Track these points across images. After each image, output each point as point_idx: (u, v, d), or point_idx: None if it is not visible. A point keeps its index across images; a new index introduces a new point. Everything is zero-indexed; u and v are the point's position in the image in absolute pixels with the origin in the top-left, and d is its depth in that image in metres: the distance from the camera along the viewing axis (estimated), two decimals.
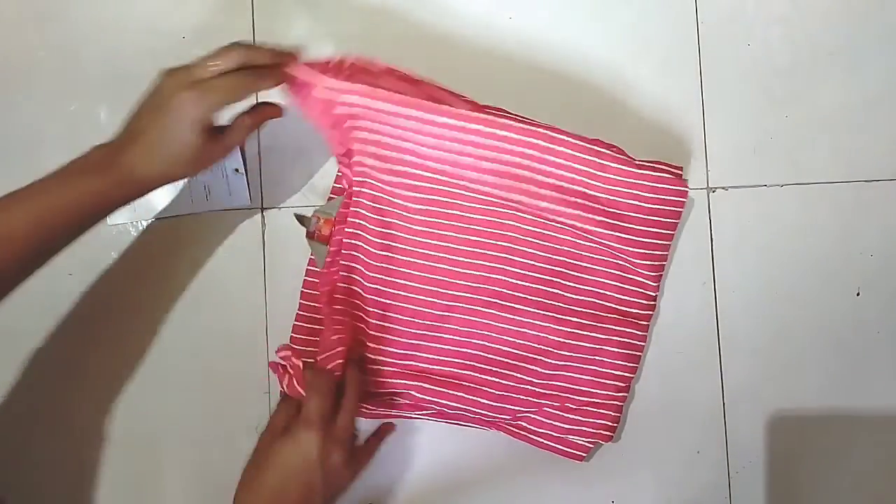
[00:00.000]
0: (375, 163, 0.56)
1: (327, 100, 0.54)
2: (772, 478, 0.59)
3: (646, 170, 0.56)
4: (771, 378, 0.60)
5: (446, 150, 0.56)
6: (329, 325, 0.55)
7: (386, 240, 0.57)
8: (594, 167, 0.56)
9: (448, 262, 0.57)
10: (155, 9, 0.63)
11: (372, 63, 0.54)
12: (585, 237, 0.57)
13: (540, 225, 0.57)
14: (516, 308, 0.57)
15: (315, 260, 0.59)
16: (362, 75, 0.54)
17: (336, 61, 0.53)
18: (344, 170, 0.59)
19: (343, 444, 0.50)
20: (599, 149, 0.56)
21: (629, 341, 0.58)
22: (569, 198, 0.56)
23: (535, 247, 0.57)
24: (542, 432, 0.58)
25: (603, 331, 0.57)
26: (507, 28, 0.62)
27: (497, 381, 0.57)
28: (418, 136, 0.56)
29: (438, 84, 0.56)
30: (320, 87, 0.53)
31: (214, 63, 0.48)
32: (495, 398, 0.57)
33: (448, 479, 0.59)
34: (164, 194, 0.60)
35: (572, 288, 0.58)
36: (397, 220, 0.57)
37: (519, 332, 0.57)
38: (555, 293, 0.57)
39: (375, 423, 0.59)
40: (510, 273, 0.57)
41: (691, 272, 0.60)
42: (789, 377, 0.60)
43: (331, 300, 0.57)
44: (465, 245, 0.57)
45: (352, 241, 0.57)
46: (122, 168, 0.48)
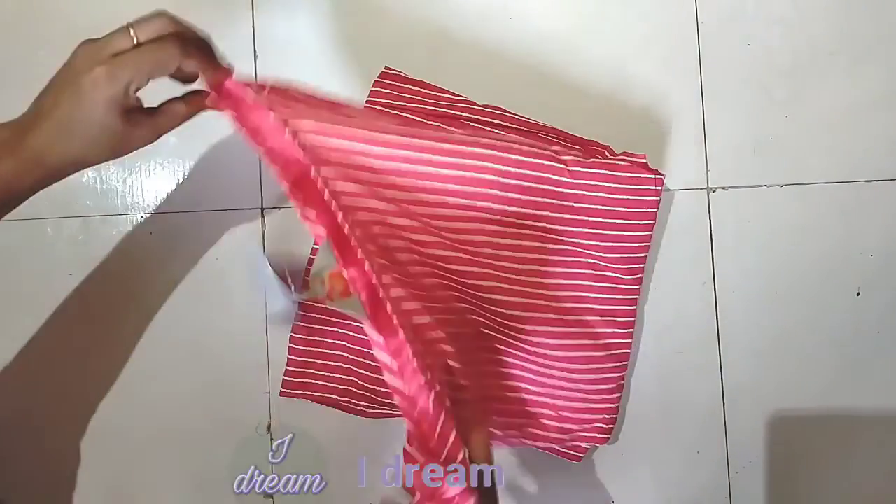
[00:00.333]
0: (344, 185, 0.50)
1: (270, 126, 0.45)
2: (772, 478, 0.59)
3: (606, 168, 0.55)
4: (771, 378, 0.60)
5: (401, 171, 0.51)
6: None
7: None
8: (555, 166, 0.54)
9: (427, 275, 0.55)
10: (155, 9, 0.63)
11: (290, 90, 0.48)
12: (555, 238, 0.56)
13: (510, 234, 0.55)
14: (504, 322, 0.55)
15: (354, 316, 0.46)
16: (280, 98, 0.47)
17: (256, 85, 0.46)
18: (304, 207, 0.45)
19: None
20: (553, 148, 0.55)
21: (613, 341, 0.57)
22: (536, 199, 0.55)
23: (508, 249, 0.56)
24: (540, 435, 0.57)
25: (586, 334, 0.56)
26: (507, 28, 0.62)
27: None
28: (370, 159, 0.50)
29: (359, 107, 0.52)
30: (272, 117, 0.45)
31: (134, 33, 0.42)
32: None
33: None
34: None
35: (549, 290, 0.56)
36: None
37: (501, 339, 0.56)
38: (533, 297, 0.56)
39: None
40: (487, 276, 0.55)
41: (691, 272, 0.60)
42: (789, 377, 0.60)
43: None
44: (444, 262, 0.55)
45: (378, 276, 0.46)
46: (29, 151, 0.42)
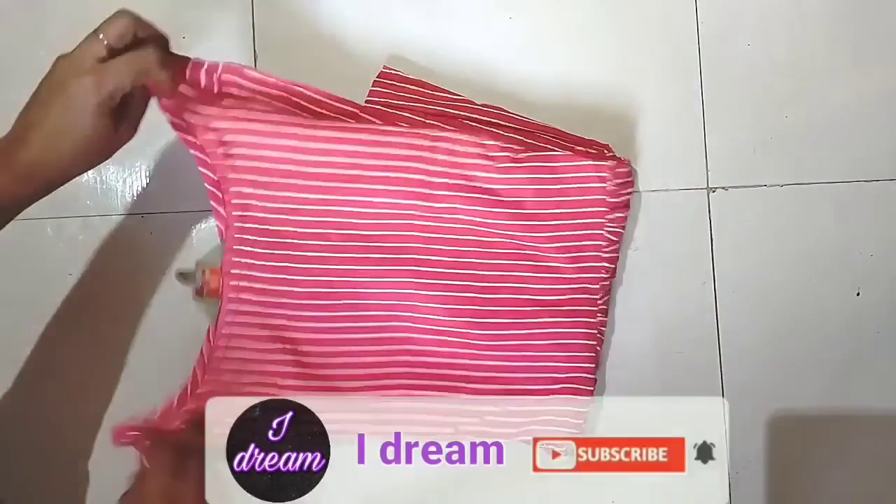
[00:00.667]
0: (256, 190, 0.53)
1: (198, 125, 0.51)
2: (772, 478, 0.59)
3: (541, 161, 0.55)
4: (771, 378, 0.60)
5: (331, 165, 0.53)
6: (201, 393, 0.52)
7: (281, 273, 0.54)
8: (481, 164, 0.54)
9: (355, 286, 0.54)
10: (155, 9, 0.62)
11: (243, 72, 0.51)
12: (489, 232, 0.55)
13: (443, 230, 0.55)
14: (441, 320, 0.55)
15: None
16: (232, 87, 0.51)
17: (208, 66, 0.50)
18: (217, 207, 0.54)
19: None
20: (484, 140, 0.54)
21: (564, 336, 0.55)
22: (464, 194, 0.54)
23: (443, 253, 0.55)
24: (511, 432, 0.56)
25: (534, 325, 0.55)
26: (507, 28, 0.62)
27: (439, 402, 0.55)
28: (299, 154, 0.52)
29: (315, 89, 0.53)
30: (190, 113, 0.50)
31: (104, 37, 0.45)
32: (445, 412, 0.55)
33: (448, 478, 0.59)
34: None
35: (488, 287, 0.55)
36: (290, 251, 0.54)
37: (447, 340, 0.55)
38: (472, 296, 0.55)
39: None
40: (424, 285, 0.55)
41: (691, 272, 0.60)
42: (789, 377, 0.60)
43: (210, 364, 0.53)
44: (370, 264, 0.54)
45: (241, 283, 0.53)
46: (20, 165, 0.44)
